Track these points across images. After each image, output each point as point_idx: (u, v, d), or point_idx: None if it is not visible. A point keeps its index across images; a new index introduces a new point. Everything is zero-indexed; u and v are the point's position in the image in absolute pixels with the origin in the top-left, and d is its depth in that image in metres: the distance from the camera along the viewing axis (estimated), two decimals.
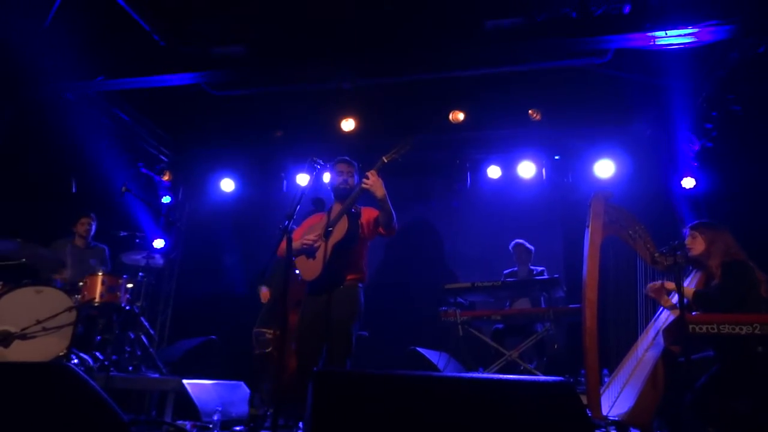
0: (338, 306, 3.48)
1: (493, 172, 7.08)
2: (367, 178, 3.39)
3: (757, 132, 5.45)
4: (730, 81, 5.36)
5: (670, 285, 3.38)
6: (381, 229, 3.61)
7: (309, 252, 3.59)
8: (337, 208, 3.67)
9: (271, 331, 4.30)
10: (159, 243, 7.18)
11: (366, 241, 3.72)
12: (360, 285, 3.63)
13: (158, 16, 5.32)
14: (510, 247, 6.01)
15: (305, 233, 3.69)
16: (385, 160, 3.42)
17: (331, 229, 3.49)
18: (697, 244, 3.41)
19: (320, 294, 3.54)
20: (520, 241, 5.98)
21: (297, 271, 3.96)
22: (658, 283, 3.48)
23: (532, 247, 5.95)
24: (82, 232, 5.57)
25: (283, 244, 3.37)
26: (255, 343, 4.56)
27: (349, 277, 3.57)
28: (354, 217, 3.56)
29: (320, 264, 3.48)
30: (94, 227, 5.68)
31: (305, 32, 5.35)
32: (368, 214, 3.67)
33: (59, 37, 5.33)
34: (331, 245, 3.45)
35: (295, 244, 3.57)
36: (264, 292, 4.95)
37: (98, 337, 5.27)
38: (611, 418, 3.20)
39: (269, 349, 4.21)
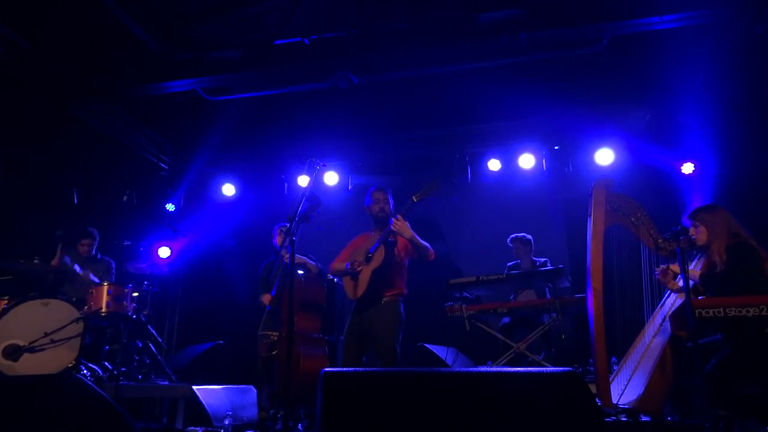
0: (381, 322, 3.89)
1: (494, 165, 7.06)
2: (396, 221, 3.75)
3: (757, 114, 5.43)
4: (728, 63, 5.34)
5: (676, 268, 3.39)
6: (417, 257, 4.01)
7: (353, 275, 3.99)
8: (377, 234, 4.03)
9: (276, 334, 4.31)
10: (163, 251, 7.19)
11: (404, 261, 4.06)
12: (400, 299, 4.01)
13: (153, 23, 5.32)
14: (508, 242, 6.00)
15: (351, 255, 4.09)
16: (415, 200, 3.78)
17: (371, 255, 3.91)
18: (700, 234, 3.40)
19: (364, 310, 3.96)
20: (517, 235, 5.97)
21: (300, 272, 4.08)
22: (664, 266, 3.48)
23: (530, 237, 5.94)
24: (83, 252, 5.59)
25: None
26: (261, 346, 4.57)
27: (388, 294, 3.95)
28: (390, 246, 3.92)
29: (363, 286, 3.91)
30: (95, 244, 5.68)
31: (300, 33, 5.34)
32: (404, 241, 3.94)
33: (56, 50, 5.35)
34: (371, 270, 3.90)
35: (341, 266, 4.08)
36: (265, 296, 4.93)
37: (106, 347, 5.29)
38: (621, 406, 3.20)
39: (275, 352, 4.22)
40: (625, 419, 3.24)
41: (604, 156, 6.65)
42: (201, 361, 6.29)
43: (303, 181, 7.27)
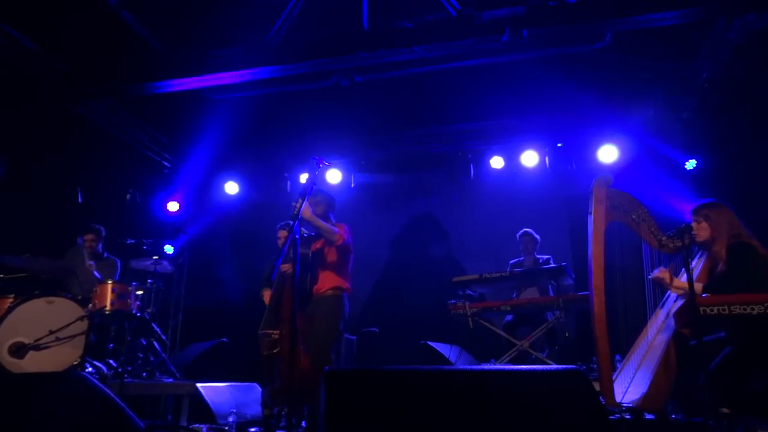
0: (317, 316, 4.02)
1: (496, 162, 7.06)
2: (295, 203, 3.87)
3: (760, 110, 5.42)
4: (731, 60, 5.32)
5: (666, 277, 3.38)
6: (327, 241, 4.10)
7: (288, 277, 4.08)
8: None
9: (276, 332, 4.31)
10: (168, 249, 7.20)
11: (329, 255, 4.14)
12: (340, 293, 4.09)
13: (154, 22, 5.33)
14: (517, 236, 6.01)
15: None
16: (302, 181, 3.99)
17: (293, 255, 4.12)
18: (702, 230, 3.39)
19: (304, 308, 4.06)
20: (528, 230, 5.99)
21: None
22: (659, 273, 3.45)
23: (538, 236, 5.96)
24: (89, 248, 5.58)
25: None
26: (262, 344, 4.58)
27: (319, 288, 4.07)
28: (305, 242, 4.06)
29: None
30: (101, 242, 5.67)
31: (301, 31, 5.34)
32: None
33: (59, 48, 5.36)
34: (292, 269, 3.99)
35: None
36: (265, 292, 4.94)
37: (111, 345, 5.30)
38: (625, 404, 3.20)
39: (276, 350, 4.23)
40: (628, 417, 3.24)
41: (608, 153, 6.64)
42: (205, 358, 6.30)
43: (305, 179, 7.25)
